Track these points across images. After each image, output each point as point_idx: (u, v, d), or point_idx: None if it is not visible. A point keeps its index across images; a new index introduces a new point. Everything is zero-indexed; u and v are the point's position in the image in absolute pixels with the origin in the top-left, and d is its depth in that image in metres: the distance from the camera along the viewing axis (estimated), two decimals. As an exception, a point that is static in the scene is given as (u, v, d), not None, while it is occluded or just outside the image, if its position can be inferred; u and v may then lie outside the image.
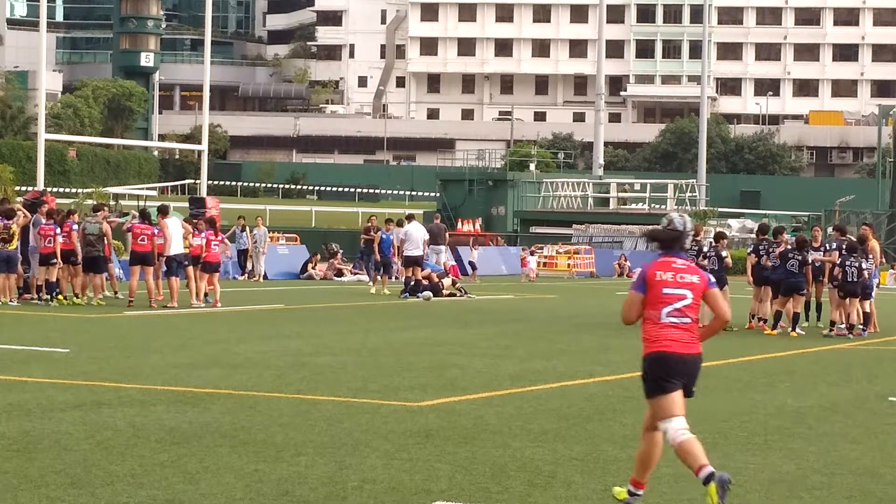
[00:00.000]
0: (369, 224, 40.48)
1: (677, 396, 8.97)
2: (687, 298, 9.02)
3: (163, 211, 30.01)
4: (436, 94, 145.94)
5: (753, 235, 29.90)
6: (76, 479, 9.52)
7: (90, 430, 11.59)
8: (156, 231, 28.86)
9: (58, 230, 28.32)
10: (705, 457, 8.83)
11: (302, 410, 13.09)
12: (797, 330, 24.98)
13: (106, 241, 29.04)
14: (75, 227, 28.64)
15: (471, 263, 49.60)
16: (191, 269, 29.25)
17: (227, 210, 54.07)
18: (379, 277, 37.78)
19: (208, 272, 29.55)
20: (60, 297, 28.45)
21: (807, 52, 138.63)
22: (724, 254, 26.39)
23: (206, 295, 29.55)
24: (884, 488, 10.06)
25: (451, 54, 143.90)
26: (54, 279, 28.42)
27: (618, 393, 15.26)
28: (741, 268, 33.84)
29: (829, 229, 36.25)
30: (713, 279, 9.39)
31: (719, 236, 27.30)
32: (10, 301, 27.94)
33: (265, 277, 43.58)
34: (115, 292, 30.50)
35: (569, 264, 56.90)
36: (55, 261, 28.22)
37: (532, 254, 53.17)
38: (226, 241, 33.56)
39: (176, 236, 29.12)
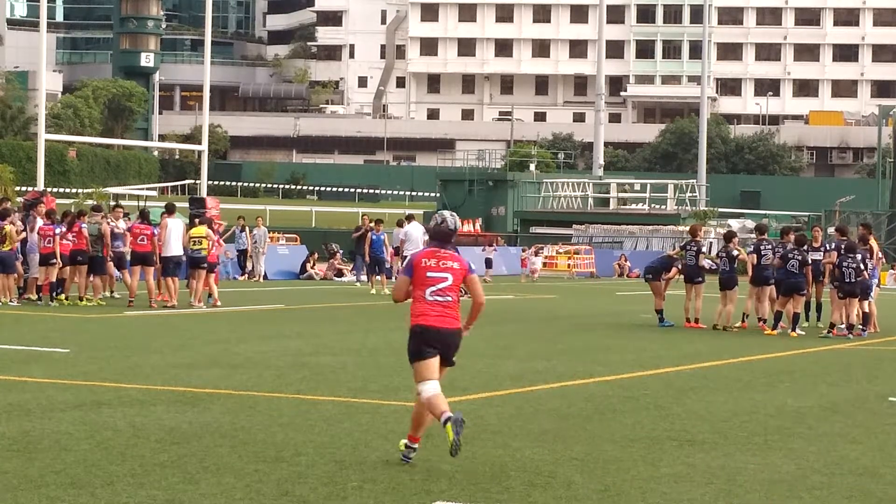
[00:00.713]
0: (360, 224, 40.66)
1: (432, 363, 10.38)
2: (448, 281, 10.49)
3: (168, 210, 30.03)
4: (436, 94, 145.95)
5: (752, 235, 29.85)
6: (76, 479, 9.52)
7: (90, 430, 11.59)
8: (156, 231, 28.87)
9: (58, 230, 28.34)
10: (447, 406, 10.17)
11: (302, 410, 13.09)
12: (797, 330, 24.97)
13: (104, 242, 29.04)
14: (84, 227, 28.68)
15: (487, 261, 49.97)
16: (202, 271, 29.29)
17: (227, 210, 54.04)
18: (377, 277, 37.79)
19: (206, 272, 29.54)
20: (62, 297, 28.45)
21: (807, 52, 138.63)
22: (735, 253, 26.37)
23: (208, 296, 29.53)
24: (884, 488, 10.06)
25: (451, 54, 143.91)
26: (53, 279, 28.42)
27: (618, 393, 15.27)
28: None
29: (830, 229, 36.25)
30: (473, 266, 10.83)
31: (730, 235, 27.27)
32: (11, 301, 27.94)
33: (265, 277, 43.59)
34: (112, 292, 30.47)
35: (569, 264, 56.91)
36: (54, 261, 28.23)
37: (536, 254, 53.39)
38: (221, 241, 33.55)
39: (175, 237, 29.12)
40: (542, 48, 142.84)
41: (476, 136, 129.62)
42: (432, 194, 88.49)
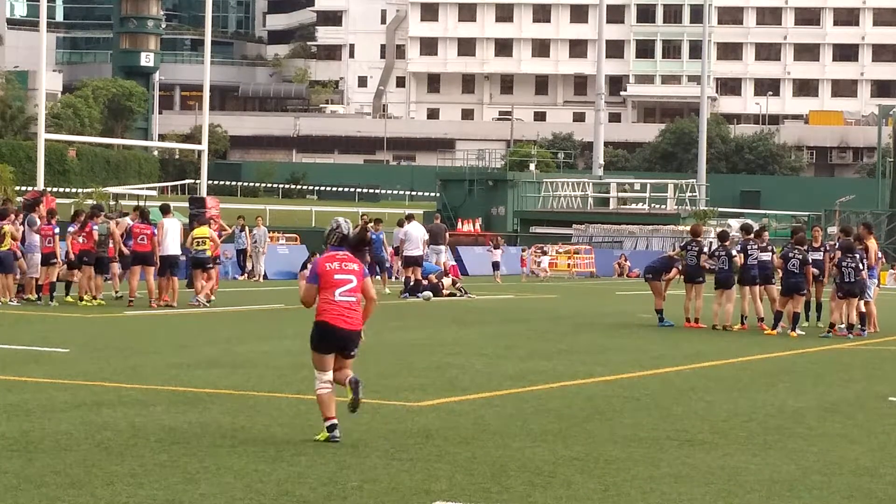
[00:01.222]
0: (361, 223, 40.69)
1: (329, 357, 11.47)
2: (353, 282, 11.51)
3: (163, 210, 30.04)
4: (436, 94, 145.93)
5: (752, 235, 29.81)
6: (76, 479, 9.52)
7: (90, 430, 11.59)
8: (155, 231, 28.88)
9: (71, 229, 28.44)
10: (333, 412, 11.33)
11: (302, 410, 13.08)
12: (797, 330, 24.96)
13: (114, 241, 29.09)
14: (96, 228, 28.71)
15: (494, 264, 49.62)
16: (212, 270, 29.36)
17: (227, 210, 54.03)
18: (378, 277, 37.79)
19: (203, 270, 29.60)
20: (69, 297, 28.48)
21: (807, 52, 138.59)
22: (733, 253, 26.37)
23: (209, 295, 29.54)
24: (884, 488, 10.06)
25: (451, 54, 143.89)
26: (54, 279, 28.44)
27: (618, 393, 15.27)
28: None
29: (831, 229, 36.22)
30: (367, 270, 11.97)
31: (724, 236, 27.27)
32: (11, 301, 27.94)
33: (265, 277, 43.58)
34: (116, 292, 30.48)
35: (569, 264, 56.93)
36: (55, 261, 28.26)
37: (545, 253, 53.62)
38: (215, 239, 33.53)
39: (172, 236, 29.15)
40: (542, 48, 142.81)
41: (476, 135, 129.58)
42: (432, 194, 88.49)
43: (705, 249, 27.45)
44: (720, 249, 26.58)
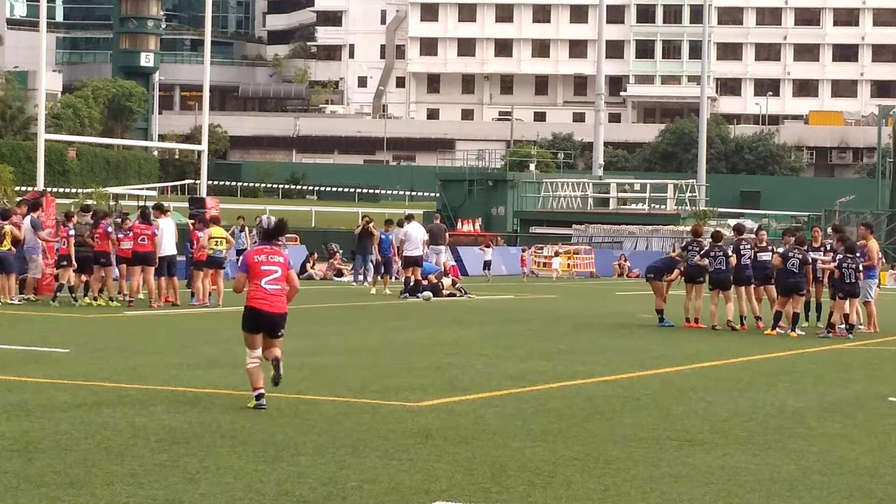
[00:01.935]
0: (362, 223, 40.73)
1: (258, 337, 13.22)
2: (278, 272, 13.18)
3: (158, 209, 30.11)
4: (436, 94, 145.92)
5: (753, 235, 29.81)
6: (76, 479, 9.51)
7: (90, 430, 11.58)
8: (156, 231, 28.90)
9: (72, 232, 28.49)
10: (262, 383, 13.07)
11: (302, 410, 13.09)
12: (797, 330, 24.95)
13: (111, 241, 29.11)
14: (109, 229, 28.72)
15: (486, 263, 50.18)
16: (220, 271, 29.49)
17: (227, 210, 54.02)
18: (379, 277, 37.82)
19: (200, 269, 29.68)
20: (86, 299, 28.51)
21: (807, 52, 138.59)
22: (729, 252, 26.38)
23: (210, 295, 29.55)
24: (884, 488, 10.06)
25: (451, 54, 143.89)
26: (67, 280, 28.47)
27: (618, 393, 15.27)
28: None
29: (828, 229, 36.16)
30: (292, 262, 13.59)
31: (718, 236, 27.27)
32: (11, 300, 27.95)
33: (265, 277, 43.52)
34: (120, 292, 30.48)
35: (568, 264, 56.96)
36: (65, 263, 28.32)
37: (556, 255, 54.08)
38: (230, 239, 33.57)
39: (167, 237, 29.21)
40: (542, 48, 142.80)
41: (476, 136, 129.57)
42: (432, 194, 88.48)
43: (707, 249, 27.45)
44: (714, 249, 26.58)
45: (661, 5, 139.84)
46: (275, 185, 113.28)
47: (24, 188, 59.45)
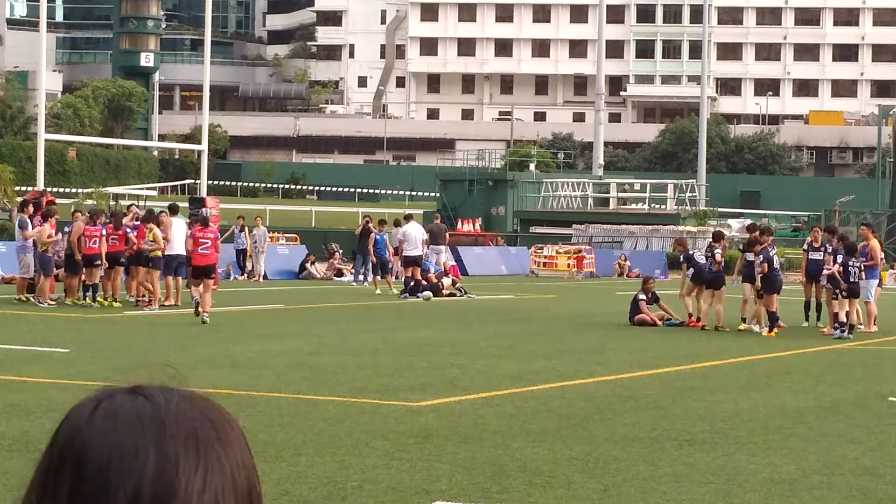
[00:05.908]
0: (363, 223, 40.82)
1: (199, 280, 22.03)
2: (208, 242, 24.08)
3: (171, 210, 30.11)
4: (436, 94, 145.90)
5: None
6: (76, 479, 9.50)
7: (90, 430, 11.57)
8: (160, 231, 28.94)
9: (103, 231, 28.51)
10: (207, 307, 20.76)
11: (302, 410, 13.09)
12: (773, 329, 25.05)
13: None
14: (128, 229, 28.76)
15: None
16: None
17: (227, 210, 54.05)
18: (379, 278, 37.81)
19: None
20: (101, 298, 28.53)
21: (807, 52, 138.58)
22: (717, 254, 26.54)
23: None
24: (884, 488, 10.06)
25: (451, 54, 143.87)
26: (96, 280, 28.45)
27: (618, 393, 15.27)
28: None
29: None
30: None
31: (718, 236, 27.32)
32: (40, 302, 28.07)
33: (265, 277, 43.58)
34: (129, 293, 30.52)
35: (569, 264, 56.94)
36: (98, 262, 28.27)
37: (568, 254, 54.79)
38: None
39: (178, 237, 29.18)
40: (541, 48, 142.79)
41: (476, 135, 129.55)
42: (432, 194, 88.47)
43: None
44: (710, 250, 26.81)
45: (661, 5, 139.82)
46: (275, 185, 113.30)
47: (24, 188, 59.47)
